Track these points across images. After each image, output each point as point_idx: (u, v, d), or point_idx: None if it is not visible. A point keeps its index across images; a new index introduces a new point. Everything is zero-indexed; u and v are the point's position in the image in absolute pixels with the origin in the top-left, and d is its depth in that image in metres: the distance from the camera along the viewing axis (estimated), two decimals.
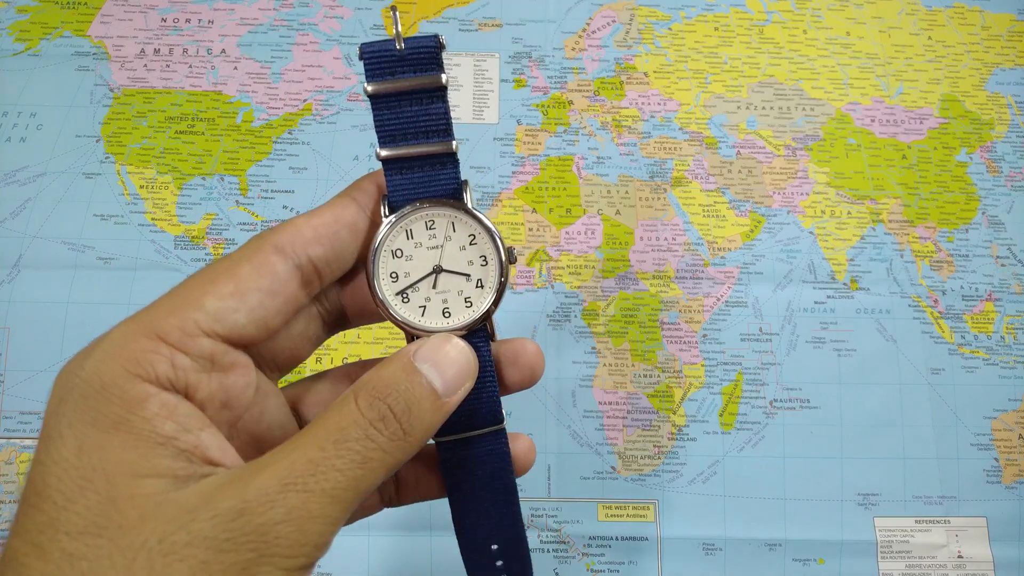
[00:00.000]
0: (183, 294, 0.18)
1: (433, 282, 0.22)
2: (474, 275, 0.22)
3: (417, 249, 0.22)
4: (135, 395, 0.16)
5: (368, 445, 0.17)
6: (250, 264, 0.18)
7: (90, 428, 0.16)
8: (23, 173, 0.45)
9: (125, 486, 0.15)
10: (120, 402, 0.16)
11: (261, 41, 0.49)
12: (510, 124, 0.48)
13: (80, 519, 0.15)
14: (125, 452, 0.16)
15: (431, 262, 0.22)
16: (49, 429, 0.16)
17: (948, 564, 0.40)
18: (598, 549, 0.40)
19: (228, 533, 0.15)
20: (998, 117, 0.49)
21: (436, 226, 0.22)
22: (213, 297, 0.18)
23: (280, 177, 0.46)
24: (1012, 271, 0.45)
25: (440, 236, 0.22)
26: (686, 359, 0.43)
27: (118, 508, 0.15)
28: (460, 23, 0.51)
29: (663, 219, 0.46)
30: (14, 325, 0.42)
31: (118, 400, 0.16)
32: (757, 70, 0.50)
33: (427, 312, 0.21)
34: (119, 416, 0.16)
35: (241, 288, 0.18)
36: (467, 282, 0.22)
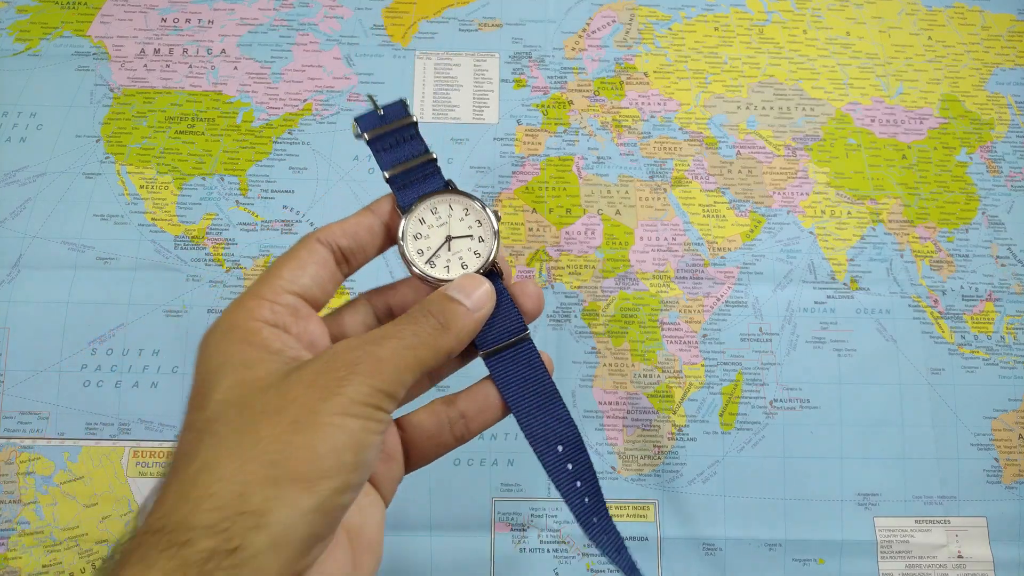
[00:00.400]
0: (270, 272, 0.27)
1: (448, 247, 0.29)
2: (475, 234, 0.30)
3: (430, 229, 0.29)
4: (252, 328, 0.25)
5: (418, 332, 0.25)
6: (304, 249, 0.28)
7: (229, 347, 0.25)
8: (23, 173, 0.45)
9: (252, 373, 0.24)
10: (243, 333, 0.25)
11: (261, 41, 0.49)
12: (510, 124, 0.48)
13: (228, 400, 0.23)
14: (251, 359, 0.24)
15: (443, 234, 0.30)
16: (202, 364, 0.25)
17: (948, 564, 0.40)
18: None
19: (325, 364, 0.23)
20: (998, 117, 0.49)
21: (439, 210, 0.30)
22: (286, 270, 0.27)
23: (280, 177, 0.46)
24: (1012, 271, 0.45)
25: (443, 215, 0.30)
26: (686, 359, 0.43)
27: (250, 388, 0.23)
28: (460, 23, 0.51)
29: (663, 219, 0.46)
30: (14, 325, 0.42)
31: (242, 332, 0.25)
32: (757, 70, 0.50)
33: (451, 270, 0.29)
34: (244, 340, 0.25)
35: (301, 263, 0.27)
36: (472, 240, 0.30)
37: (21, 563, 0.38)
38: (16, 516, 0.39)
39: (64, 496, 0.39)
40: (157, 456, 0.40)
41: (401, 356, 0.24)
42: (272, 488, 0.21)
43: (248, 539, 0.21)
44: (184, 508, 0.21)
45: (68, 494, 0.39)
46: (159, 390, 0.41)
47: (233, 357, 0.24)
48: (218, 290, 0.43)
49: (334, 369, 0.23)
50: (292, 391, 0.23)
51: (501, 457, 0.41)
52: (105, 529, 0.39)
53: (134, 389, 0.41)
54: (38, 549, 0.38)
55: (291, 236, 0.44)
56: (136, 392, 0.41)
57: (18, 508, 0.39)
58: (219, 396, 0.23)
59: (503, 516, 0.40)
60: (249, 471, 0.21)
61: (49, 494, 0.39)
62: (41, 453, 0.40)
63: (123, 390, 0.41)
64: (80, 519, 0.39)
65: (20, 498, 0.39)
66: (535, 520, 0.40)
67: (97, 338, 0.42)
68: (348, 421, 0.22)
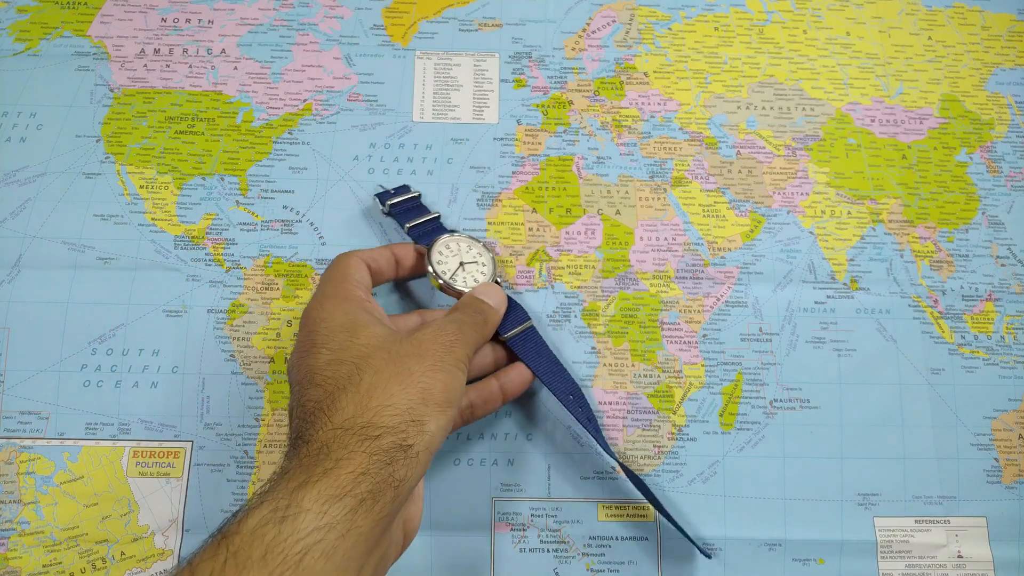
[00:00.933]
0: (344, 271, 0.37)
1: (463, 269, 0.41)
2: (479, 260, 0.42)
3: (447, 259, 0.41)
4: (360, 299, 0.36)
5: (464, 324, 0.35)
6: (354, 259, 0.38)
7: (351, 309, 0.35)
8: (23, 173, 0.45)
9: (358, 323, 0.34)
10: (357, 302, 0.35)
11: (261, 41, 0.49)
12: (510, 124, 0.48)
13: (373, 345, 0.33)
14: (369, 320, 0.34)
15: (457, 261, 0.41)
16: (329, 320, 0.34)
17: (948, 564, 0.40)
18: (598, 549, 0.40)
19: (438, 331, 0.34)
20: (998, 117, 0.49)
21: (450, 246, 0.42)
22: (354, 271, 0.37)
23: (280, 177, 0.46)
24: (1012, 271, 0.45)
25: (455, 249, 0.42)
26: (686, 359, 0.43)
27: (386, 339, 0.33)
28: (460, 23, 0.51)
29: (663, 219, 0.46)
30: (14, 325, 0.42)
31: (356, 302, 0.35)
32: (757, 70, 0.50)
33: (467, 283, 0.41)
34: (360, 307, 0.35)
35: (358, 267, 0.37)
36: (478, 264, 0.42)
37: (21, 563, 0.38)
38: (16, 516, 0.39)
39: (64, 496, 0.39)
40: (157, 456, 0.40)
41: (471, 334, 0.35)
42: (425, 407, 0.30)
43: (416, 439, 0.29)
44: (368, 414, 0.29)
45: (68, 494, 0.39)
46: (159, 390, 0.41)
47: (358, 317, 0.34)
48: (218, 290, 0.43)
49: (445, 335, 0.33)
50: (424, 344, 0.32)
51: (501, 457, 0.41)
52: (105, 529, 0.39)
53: (134, 389, 0.41)
54: (38, 549, 0.38)
55: (291, 236, 0.44)
56: (136, 392, 0.41)
57: (18, 508, 0.39)
58: (363, 341, 0.32)
59: (503, 516, 0.40)
60: (410, 394, 0.30)
61: (49, 494, 0.39)
62: (41, 453, 0.40)
63: (123, 390, 0.41)
64: (80, 519, 0.39)
65: (20, 498, 0.39)
66: (535, 520, 0.40)
67: (97, 338, 0.42)
68: (459, 370, 0.33)
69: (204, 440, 0.40)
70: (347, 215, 0.45)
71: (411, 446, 0.29)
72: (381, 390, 0.30)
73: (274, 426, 0.41)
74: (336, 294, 0.35)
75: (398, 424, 0.29)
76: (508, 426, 0.41)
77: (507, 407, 0.41)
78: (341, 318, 0.34)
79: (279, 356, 0.42)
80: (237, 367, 0.42)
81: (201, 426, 0.41)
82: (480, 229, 0.45)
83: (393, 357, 0.32)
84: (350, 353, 0.32)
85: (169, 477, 0.40)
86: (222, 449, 0.40)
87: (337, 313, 0.34)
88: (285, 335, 0.42)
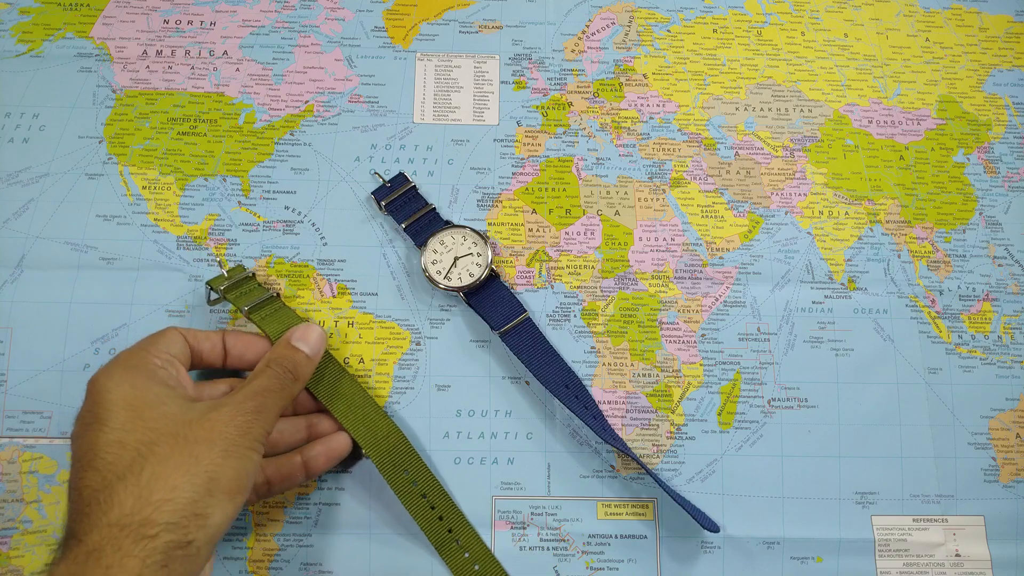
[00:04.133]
0: (143, 341, 0.36)
1: (455, 265, 0.42)
2: (474, 252, 0.42)
3: (441, 255, 0.42)
4: (151, 368, 0.33)
5: (268, 393, 0.33)
6: (169, 332, 0.37)
7: (138, 381, 0.32)
8: (26, 174, 0.45)
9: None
10: (147, 371, 0.33)
11: (263, 43, 0.50)
12: (510, 125, 0.48)
13: (159, 429, 0.30)
14: (160, 395, 0.32)
15: (452, 257, 0.42)
16: (112, 393, 0.31)
17: (946, 563, 0.40)
18: (597, 547, 0.40)
19: (235, 410, 0.32)
20: (995, 118, 0.49)
21: (445, 241, 0.42)
22: (160, 341, 0.36)
23: (282, 178, 0.46)
24: (1009, 271, 0.45)
25: (449, 244, 0.42)
26: (685, 358, 0.43)
27: (175, 421, 0.31)
28: (460, 25, 0.51)
29: (662, 220, 0.46)
30: (17, 325, 0.42)
31: (146, 371, 0.33)
32: (755, 72, 0.50)
33: (462, 279, 0.41)
34: (150, 377, 0.33)
35: (168, 339, 0.37)
36: (473, 256, 0.42)
37: (23, 562, 0.38)
38: (19, 515, 0.39)
39: (66, 495, 0.39)
40: None
41: (274, 402, 0.33)
42: (211, 497, 0.29)
43: (197, 534, 0.28)
44: (147, 510, 0.28)
45: None
46: None
47: (147, 392, 0.31)
48: None
49: (242, 413, 0.31)
50: (217, 427, 0.31)
51: (501, 456, 0.41)
52: None
53: None
54: (40, 548, 0.39)
55: (293, 236, 0.45)
56: None
57: (20, 507, 0.39)
58: (150, 423, 0.30)
59: (503, 514, 0.40)
60: (196, 483, 0.29)
61: (52, 493, 0.39)
62: (43, 452, 0.40)
63: None
64: None
65: (22, 497, 0.39)
66: (535, 518, 0.40)
67: (100, 338, 0.42)
68: (254, 452, 0.31)
69: None
70: (348, 216, 0.45)
71: (191, 542, 0.28)
72: (163, 482, 0.28)
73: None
74: (128, 362, 0.33)
75: (179, 520, 0.28)
76: (508, 425, 0.42)
77: (507, 407, 0.42)
78: (127, 391, 0.31)
79: None
80: None
81: None
82: (482, 230, 0.45)
83: (181, 443, 0.29)
84: (134, 436, 0.30)
85: None
86: None
87: (124, 385, 0.31)
88: None
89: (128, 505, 0.28)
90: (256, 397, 0.33)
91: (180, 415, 0.31)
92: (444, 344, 0.43)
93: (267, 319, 0.40)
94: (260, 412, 0.32)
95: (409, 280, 0.44)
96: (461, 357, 0.42)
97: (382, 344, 0.43)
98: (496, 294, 0.42)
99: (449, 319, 0.43)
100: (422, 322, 0.43)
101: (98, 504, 0.28)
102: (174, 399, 0.32)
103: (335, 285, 0.44)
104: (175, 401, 0.32)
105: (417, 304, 0.43)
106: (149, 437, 0.30)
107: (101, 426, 0.30)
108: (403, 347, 0.42)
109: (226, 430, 0.31)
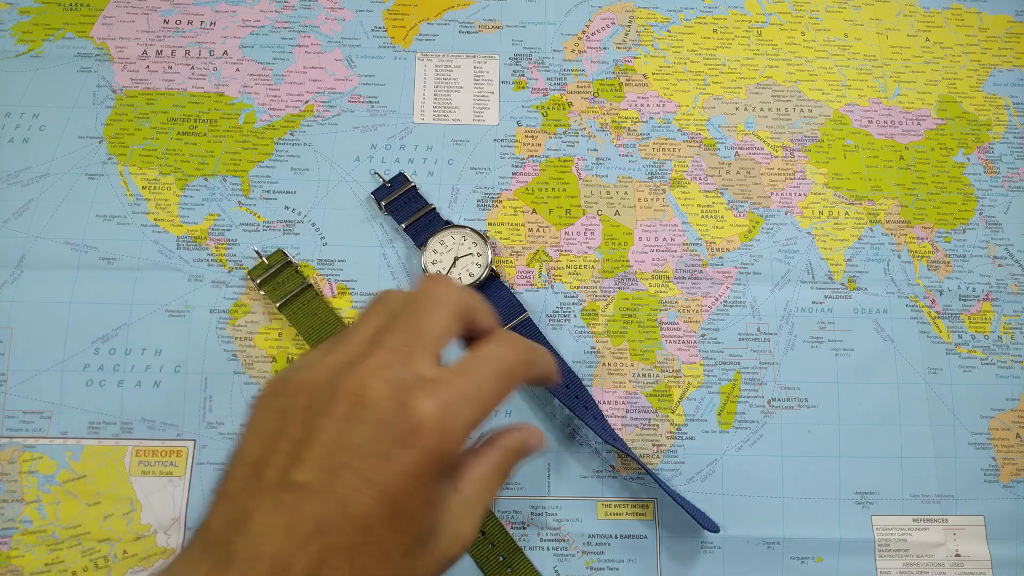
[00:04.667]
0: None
1: (456, 265, 0.42)
2: (473, 251, 0.43)
3: (441, 256, 0.43)
4: None
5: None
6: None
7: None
8: (26, 174, 0.45)
9: None
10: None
11: (263, 43, 0.50)
12: (510, 125, 0.48)
13: None
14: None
15: (452, 256, 0.42)
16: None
17: (946, 562, 0.40)
18: (597, 547, 0.40)
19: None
20: (995, 118, 0.49)
21: (445, 241, 0.43)
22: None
23: (282, 178, 0.46)
24: (1009, 271, 0.45)
25: (449, 243, 0.43)
26: (685, 358, 0.43)
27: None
28: (460, 25, 0.51)
29: (662, 220, 0.46)
30: (17, 325, 0.42)
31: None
32: (755, 72, 0.50)
33: (462, 279, 0.42)
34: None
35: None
36: (473, 256, 0.43)
37: (23, 562, 0.38)
38: (19, 515, 0.39)
39: (66, 495, 0.39)
40: (160, 455, 0.40)
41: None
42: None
43: None
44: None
45: (70, 493, 0.39)
46: (161, 390, 0.41)
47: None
48: (220, 290, 0.43)
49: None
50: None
51: None
52: (107, 528, 0.39)
53: (136, 389, 0.41)
54: (40, 548, 0.39)
55: (293, 236, 0.45)
56: (138, 392, 0.41)
57: (20, 507, 0.39)
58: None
59: (503, 514, 0.40)
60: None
61: (52, 493, 0.39)
62: (44, 452, 0.40)
63: (125, 390, 0.41)
64: (82, 518, 0.39)
65: (22, 497, 0.39)
66: (535, 518, 0.40)
67: (100, 338, 0.42)
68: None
69: (206, 439, 0.41)
70: (348, 216, 0.45)
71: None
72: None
73: None
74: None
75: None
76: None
77: (507, 407, 0.42)
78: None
79: (281, 356, 0.42)
80: (239, 367, 0.42)
81: (203, 425, 0.41)
82: (481, 230, 0.45)
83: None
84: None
85: (171, 476, 0.40)
86: (224, 448, 0.40)
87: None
88: (287, 335, 0.42)
89: None
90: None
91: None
92: None
93: (297, 314, 0.42)
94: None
95: (409, 280, 0.44)
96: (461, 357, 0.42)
97: None
98: (496, 294, 0.42)
99: None
100: None
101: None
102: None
103: (335, 285, 0.44)
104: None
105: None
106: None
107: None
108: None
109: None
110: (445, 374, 0.26)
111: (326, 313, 0.42)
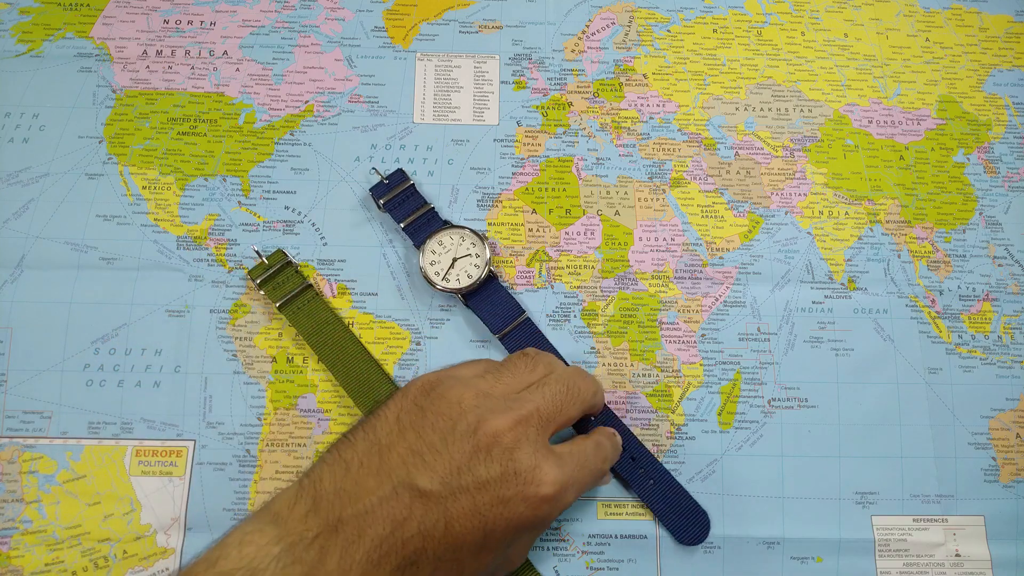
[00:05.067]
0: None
1: (455, 266, 0.42)
2: (473, 252, 0.42)
3: (440, 256, 0.42)
4: None
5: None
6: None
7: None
8: (26, 174, 0.45)
9: None
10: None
11: (263, 43, 0.50)
12: (510, 125, 0.48)
13: None
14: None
15: (450, 257, 0.42)
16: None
17: (946, 562, 0.40)
18: (597, 547, 0.40)
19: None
20: (995, 118, 0.49)
21: (444, 241, 0.42)
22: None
23: (282, 178, 0.46)
24: (1009, 271, 0.45)
25: (448, 244, 0.42)
26: (685, 359, 0.43)
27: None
28: (460, 25, 0.51)
29: (662, 220, 0.46)
30: (17, 325, 0.42)
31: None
32: (755, 72, 0.50)
33: (460, 280, 0.41)
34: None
35: None
36: (472, 257, 0.42)
37: (23, 562, 0.38)
38: (18, 515, 0.39)
39: (66, 495, 0.39)
40: (160, 455, 0.40)
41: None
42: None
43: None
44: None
45: (70, 493, 0.39)
46: (161, 389, 0.41)
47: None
48: (220, 290, 0.43)
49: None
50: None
51: None
52: (107, 528, 0.39)
53: (136, 389, 0.41)
54: (40, 548, 0.39)
55: (293, 236, 0.45)
56: (138, 392, 0.41)
57: (20, 507, 0.39)
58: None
59: None
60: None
61: (51, 493, 0.39)
62: (43, 452, 0.40)
63: (125, 389, 0.41)
64: (82, 518, 0.39)
65: (22, 497, 0.39)
66: None
67: (100, 338, 0.42)
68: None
69: (206, 439, 0.41)
70: (348, 216, 0.45)
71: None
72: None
73: (276, 425, 0.41)
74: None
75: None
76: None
77: None
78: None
79: (281, 355, 0.42)
80: (239, 367, 0.42)
81: (203, 425, 0.41)
82: (480, 230, 0.45)
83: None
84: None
85: (171, 476, 0.40)
86: (224, 448, 0.40)
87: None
88: (287, 335, 0.42)
89: None
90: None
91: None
92: (444, 344, 0.43)
93: (297, 314, 0.42)
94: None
95: (409, 280, 0.44)
96: (461, 357, 0.42)
97: (382, 344, 0.43)
98: (494, 295, 0.42)
99: (449, 319, 0.43)
100: (422, 322, 0.43)
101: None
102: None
103: (335, 285, 0.44)
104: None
105: (417, 304, 0.43)
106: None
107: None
108: (403, 347, 0.42)
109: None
110: (565, 454, 0.32)
111: (326, 313, 0.42)
